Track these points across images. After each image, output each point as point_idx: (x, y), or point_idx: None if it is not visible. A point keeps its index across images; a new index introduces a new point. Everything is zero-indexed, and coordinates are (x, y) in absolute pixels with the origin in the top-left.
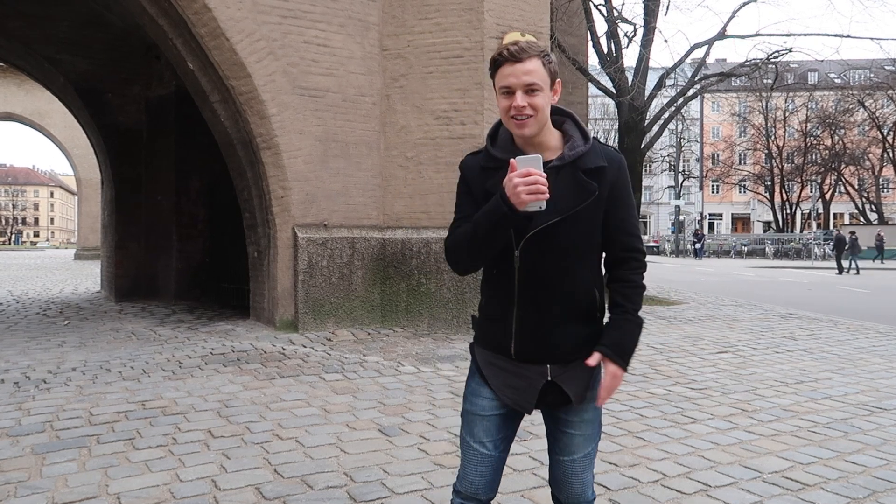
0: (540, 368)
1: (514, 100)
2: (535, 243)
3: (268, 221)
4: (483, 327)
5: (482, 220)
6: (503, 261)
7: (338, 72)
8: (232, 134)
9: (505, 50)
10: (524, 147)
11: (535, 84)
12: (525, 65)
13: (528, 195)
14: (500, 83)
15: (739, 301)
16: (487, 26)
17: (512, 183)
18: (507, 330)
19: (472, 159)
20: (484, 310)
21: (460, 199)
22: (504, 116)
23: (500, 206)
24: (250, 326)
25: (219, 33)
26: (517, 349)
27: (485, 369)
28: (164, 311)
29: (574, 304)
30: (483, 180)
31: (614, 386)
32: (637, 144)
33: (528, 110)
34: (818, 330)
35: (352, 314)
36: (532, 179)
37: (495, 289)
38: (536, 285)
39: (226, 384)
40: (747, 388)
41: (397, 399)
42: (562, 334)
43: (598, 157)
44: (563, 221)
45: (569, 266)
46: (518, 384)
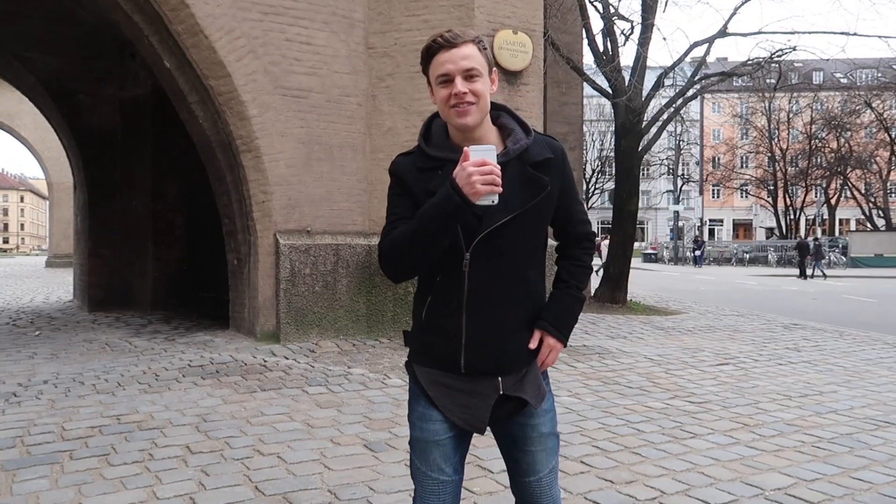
0: (492, 382)
1: (453, 87)
2: (486, 245)
3: (248, 228)
4: (423, 341)
5: (429, 214)
6: (450, 266)
7: (321, 71)
8: (211, 136)
9: (438, 37)
10: (462, 143)
11: (475, 69)
12: (461, 49)
13: (483, 185)
14: (437, 72)
15: (741, 311)
16: (478, 23)
17: (465, 172)
18: (454, 342)
19: (404, 160)
20: (424, 322)
21: (394, 202)
22: (443, 107)
23: (452, 197)
24: (230, 337)
25: (197, 30)
26: (467, 363)
27: (430, 390)
28: (139, 322)
29: (526, 308)
30: (423, 182)
31: (552, 360)
32: (634, 147)
33: (470, 97)
34: (823, 341)
35: (336, 324)
36: (488, 169)
37: (439, 297)
38: (487, 291)
39: (204, 398)
40: (749, 402)
41: (384, 413)
42: (513, 343)
43: (543, 149)
44: (513, 220)
45: (520, 268)
46: (469, 402)
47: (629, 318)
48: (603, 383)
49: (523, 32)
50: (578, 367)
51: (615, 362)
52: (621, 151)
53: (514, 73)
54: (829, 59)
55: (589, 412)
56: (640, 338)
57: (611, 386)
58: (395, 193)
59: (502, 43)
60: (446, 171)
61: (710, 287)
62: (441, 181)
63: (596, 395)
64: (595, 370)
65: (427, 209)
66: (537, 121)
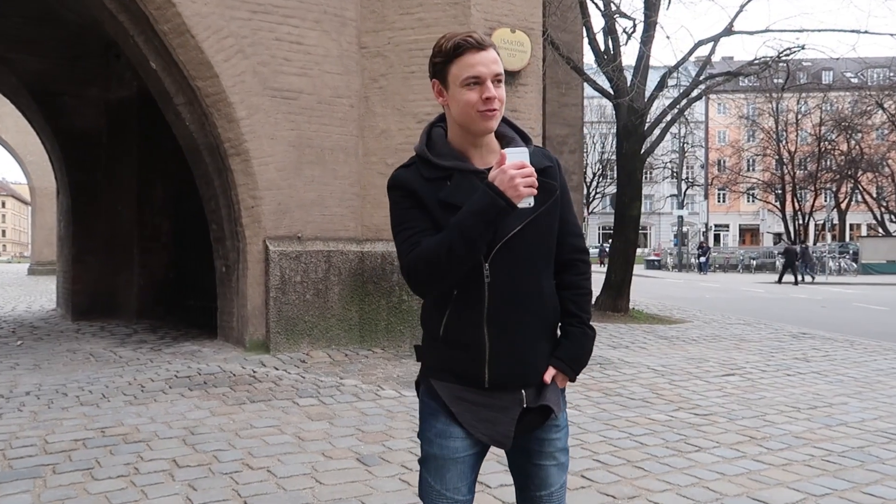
0: (516, 395)
1: (483, 90)
2: (505, 253)
3: (237, 234)
4: (442, 357)
5: (469, 222)
6: (469, 278)
7: (312, 71)
8: (198, 139)
9: (468, 37)
10: (467, 151)
11: (502, 74)
12: (491, 53)
13: (525, 188)
14: (466, 73)
15: (747, 319)
16: (475, 22)
17: (507, 175)
18: (478, 356)
19: (407, 173)
20: (443, 336)
21: (407, 216)
22: (467, 110)
23: (497, 201)
24: (218, 347)
25: (183, 30)
26: (492, 377)
27: (453, 406)
28: (124, 331)
29: (545, 318)
30: (432, 192)
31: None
32: (637, 149)
33: (497, 103)
34: (833, 351)
35: (328, 334)
36: (528, 171)
37: (460, 310)
38: (509, 301)
39: (192, 409)
40: (756, 414)
41: (377, 426)
42: (537, 353)
43: (542, 158)
44: (527, 227)
45: (536, 276)
46: (493, 417)
47: (631, 327)
48: (604, 395)
49: (521, 31)
50: (579, 378)
51: (617, 373)
52: (623, 154)
53: (511, 73)
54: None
55: (590, 425)
56: (643, 347)
57: (612, 397)
58: (407, 207)
59: (499, 42)
60: (456, 179)
61: (715, 295)
62: (453, 190)
63: (597, 407)
64: (596, 381)
65: (465, 217)
66: (536, 123)
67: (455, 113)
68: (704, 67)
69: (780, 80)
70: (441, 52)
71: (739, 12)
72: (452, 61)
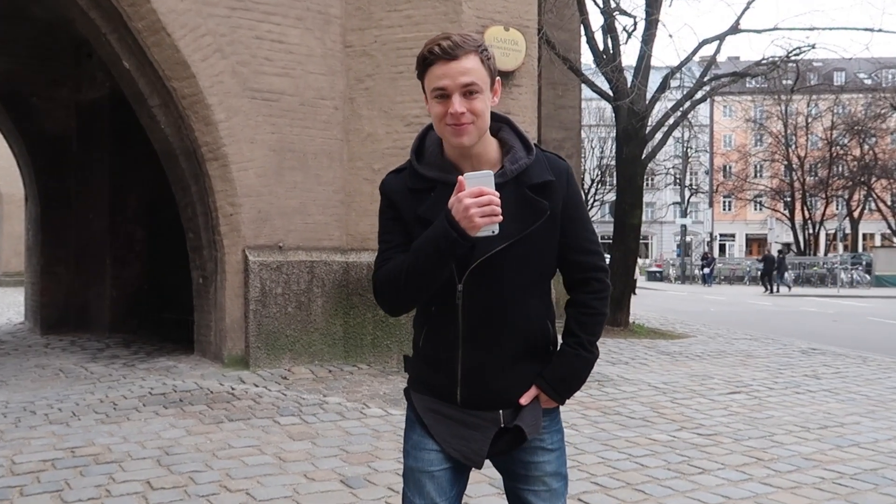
0: (492, 415)
1: (449, 105)
2: (480, 275)
3: (215, 243)
4: (420, 370)
5: (424, 249)
6: (443, 296)
7: (294, 71)
8: (174, 143)
9: (436, 46)
10: (458, 160)
11: (474, 85)
12: (461, 63)
13: (481, 218)
14: (432, 85)
15: (754, 334)
16: (466, 19)
17: (462, 205)
18: (450, 374)
19: (395, 179)
20: (421, 351)
21: (387, 227)
22: (438, 124)
23: (448, 233)
24: (195, 363)
25: (159, 28)
26: (464, 395)
27: (426, 417)
28: (96, 346)
29: (526, 340)
30: (413, 205)
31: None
32: (637, 155)
33: (468, 116)
34: (845, 367)
35: (310, 349)
36: (486, 199)
37: (435, 328)
38: (484, 322)
39: (167, 428)
40: (763, 434)
41: (362, 446)
42: (514, 376)
43: (543, 171)
44: (510, 247)
45: (519, 298)
46: (467, 434)
47: (631, 342)
48: (603, 413)
49: (515, 29)
50: (576, 396)
51: (616, 390)
52: (623, 159)
53: (505, 73)
54: (851, 57)
55: (587, 445)
56: (644, 364)
57: (611, 416)
58: (388, 217)
59: (492, 41)
60: (438, 193)
61: (720, 308)
62: (432, 205)
63: (595, 427)
64: (594, 399)
65: (422, 243)
66: (531, 126)
67: (433, 124)
68: (709, 68)
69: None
70: (418, 62)
71: (746, 9)
72: (425, 72)
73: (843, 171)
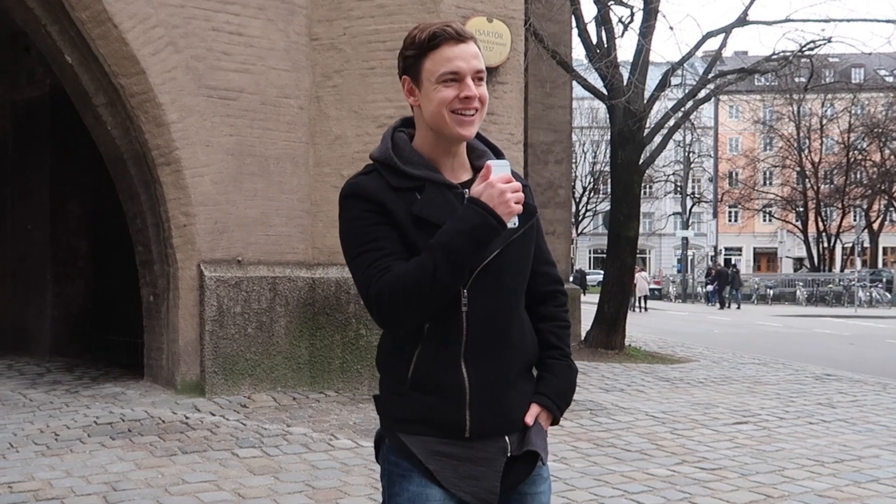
0: (499, 443)
1: (462, 88)
2: (485, 279)
3: (167, 257)
4: (413, 405)
5: (456, 244)
6: (443, 308)
7: (255, 67)
8: (121, 146)
9: (448, 26)
10: (437, 161)
11: (483, 71)
12: (471, 46)
13: (517, 204)
14: (442, 68)
15: (763, 358)
16: (445, 9)
17: (497, 189)
18: (457, 400)
19: (371, 181)
20: (412, 380)
21: (372, 234)
22: (440, 111)
23: (487, 220)
24: (145, 389)
25: (104, 18)
26: (474, 424)
27: (431, 462)
28: (35, 370)
29: (525, 353)
30: (402, 205)
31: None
32: (634, 160)
33: (476, 102)
34: (862, 395)
35: (273, 374)
36: (517, 185)
37: (433, 346)
38: (489, 334)
39: (114, 462)
40: (773, 469)
41: (330, 481)
42: (517, 395)
43: (516, 177)
44: (507, 250)
45: (515, 306)
46: (476, 472)
47: (627, 367)
48: (596, 446)
49: (500, 20)
50: (566, 427)
51: (610, 420)
52: (618, 165)
53: (488, 69)
54: (871, 52)
55: (578, 480)
56: (641, 391)
57: (605, 449)
58: (374, 222)
59: (474, 33)
60: (428, 193)
61: (725, 329)
62: (426, 203)
63: (587, 460)
64: (586, 430)
65: (452, 238)
66: (517, 128)
67: (427, 115)
68: (714, 64)
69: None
70: (414, 44)
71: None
72: (427, 54)
73: (862, 178)
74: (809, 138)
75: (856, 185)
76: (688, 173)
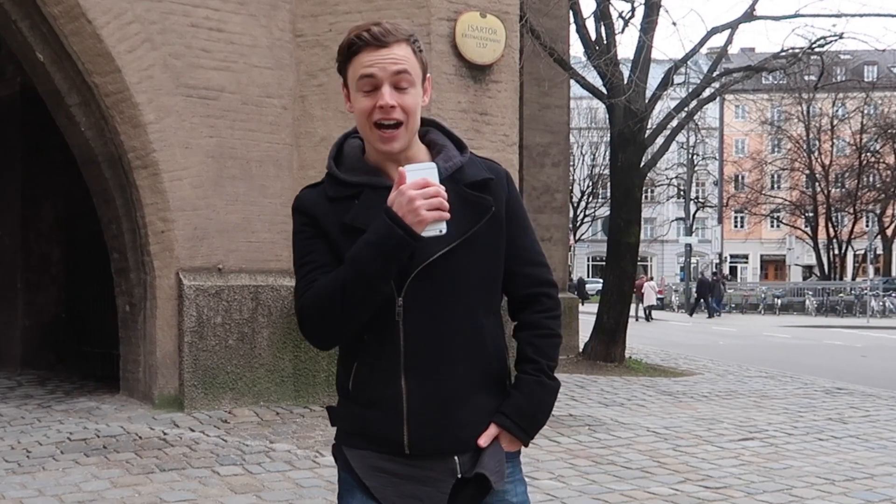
0: (446, 464)
1: (378, 97)
2: (423, 286)
3: (143, 265)
4: (354, 418)
5: (364, 256)
6: (378, 319)
7: (236, 65)
8: (95, 148)
9: (364, 32)
10: (383, 164)
11: (406, 74)
12: (392, 50)
13: (428, 212)
14: (359, 74)
15: (770, 371)
16: (435, 4)
17: (406, 197)
18: (394, 414)
19: (312, 193)
20: (353, 393)
21: (306, 248)
22: (363, 122)
23: (393, 231)
24: (121, 404)
25: (78, 13)
26: (413, 440)
27: (369, 479)
28: (6, 384)
29: (481, 365)
30: (337, 215)
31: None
32: (635, 162)
33: (399, 113)
34: (875, 410)
35: (255, 388)
36: (433, 191)
37: (370, 359)
38: (430, 345)
39: (88, 480)
40: (780, 488)
41: (315, 500)
42: (470, 412)
43: (480, 169)
44: (454, 252)
45: (469, 314)
46: (420, 492)
47: (628, 381)
48: (594, 463)
49: (493, 16)
50: (563, 443)
51: (610, 436)
52: (618, 168)
53: (481, 67)
54: (885, 49)
55: (576, 500)
56: (642, 405)
57: (604, 466)
58: (307, 237)
59: (467, 29)
60: (365, 199)
61: (730, 341)
62: (360, 211)
63: (585, 479)
64: (584, 446)
65: (360, 250)
66: (511, 129)
67: (357, 124)
68: (719, 61)
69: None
70: (339, 52)
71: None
72: (350, 61)
73: (875, 181)
74: (819, 140)
75: (868, 189)
76: (691, 177)
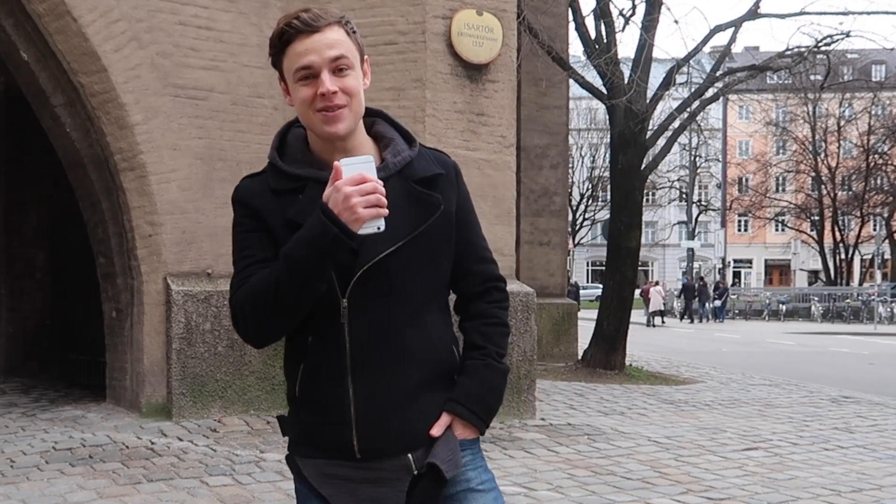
0: (400, 462)
1: (318, 84)
2: (368, 286)
3: (130, 269)
4: (303, 426)
5: (298, 253)
6: (323, 319)
7: (226, 64)
8: (81, 150)
9: (293, 19)
10: (327, 156)
11: (344, 58)
12: (326, 34)
13: (365, 209)
14: (295, 64)
15: (775, 379)
16: (430, 1)
17: (342, 194)
18: (342, 418)
19: (253, 183)
20: (301, 398)
21: (244, 241)
22: (305, 111)
23: (327, 229)
24: (107, 412)
25: (63, 11)
26: (362, 443)
27: (324, 488)
28: None
29: (430, 366)
30: (280, 208)
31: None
32: (636, 164)
33: (341, 97)
34: (883, 419)
35: (245, 396)
36: (369, 187)
37: (316, 362)
38: (377, 345)
39: (74, 490)
40: (785, 499)
41: None
42: (420, 409)
43: (430, 164)
44: (400, 251)
45: (417, 313)
46: (378, 493)
47: (628, 389)
48: (594, 473)
49: (490, 13)
50: (561, 453)
51: (609, 446)
52: (619, 170)
53: (477, 66)
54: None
55: None
56: (643, 414)
57: (604, 477)
58: (245, 230)
59: (462, 27)
60: (309, 193)
61: (734, 348)
62: (304, 206)
63: (584, 489)
64: (583, 456)
65: (295, 247)
66: (509, 129)
67: (298, 115)
68: (722, 60)
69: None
70: (271, 43)
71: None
72: (284, 52)
73: (883, 184)
74: (826, 141)
75: (876, 192)
76: (694, 179)
